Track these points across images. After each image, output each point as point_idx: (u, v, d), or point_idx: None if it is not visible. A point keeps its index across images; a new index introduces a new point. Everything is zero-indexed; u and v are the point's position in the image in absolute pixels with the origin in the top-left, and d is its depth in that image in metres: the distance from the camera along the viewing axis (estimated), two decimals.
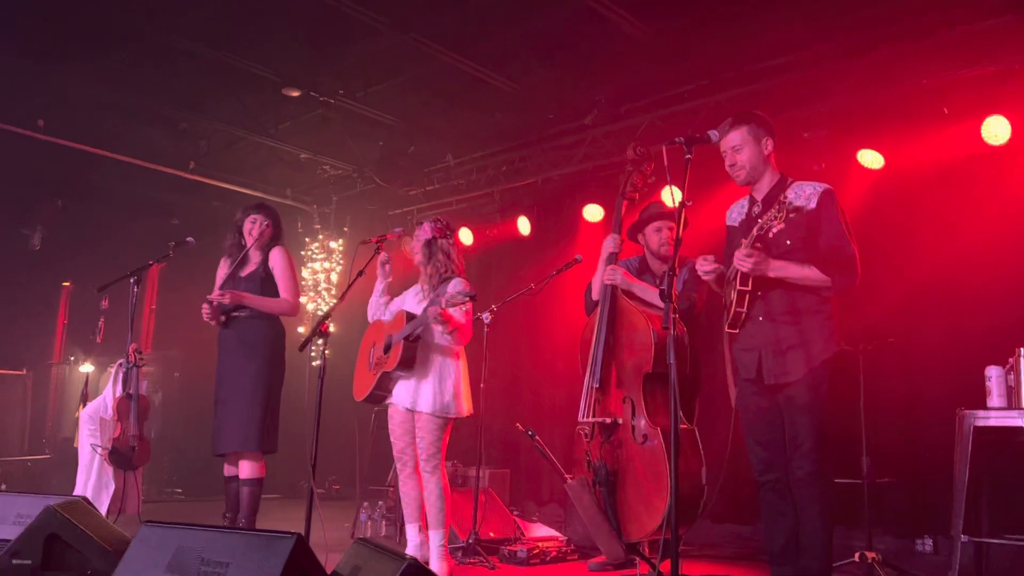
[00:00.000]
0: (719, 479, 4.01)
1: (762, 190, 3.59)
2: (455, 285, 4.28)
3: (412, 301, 4.52)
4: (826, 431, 3.36)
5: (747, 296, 3.40)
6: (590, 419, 4.28)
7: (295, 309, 4.78)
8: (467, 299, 3.95)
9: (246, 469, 4.50)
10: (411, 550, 4.26)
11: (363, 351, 4.64)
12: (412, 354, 4.22)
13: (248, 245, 4.75)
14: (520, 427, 4.72)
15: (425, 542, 4.28)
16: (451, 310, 4.05)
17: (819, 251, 3.38)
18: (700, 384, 4.49)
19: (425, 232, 4.46)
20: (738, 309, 3.42)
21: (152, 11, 5.96)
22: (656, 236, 4.68)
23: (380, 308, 4.64)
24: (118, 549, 2.82)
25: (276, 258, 4.73)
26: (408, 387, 4.27)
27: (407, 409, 4.28)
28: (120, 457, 5.04)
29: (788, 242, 3.41)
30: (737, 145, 3.53)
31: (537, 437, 4.64)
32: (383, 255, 4.49)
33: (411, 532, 4.35)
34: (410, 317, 4.27)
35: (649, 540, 4.17)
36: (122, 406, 5.10)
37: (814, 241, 3.41)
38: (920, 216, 5.48)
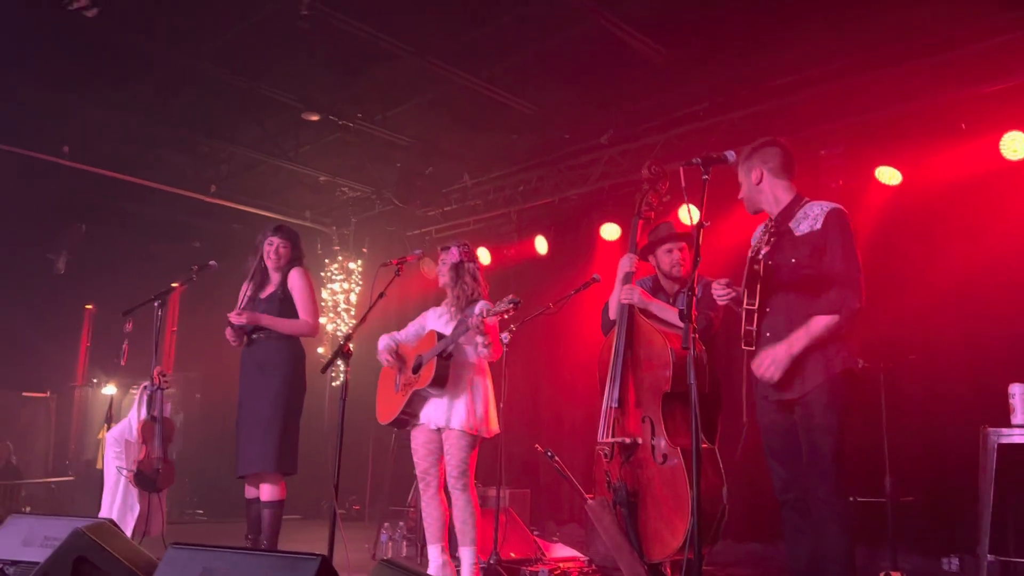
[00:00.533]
0: (730, 498, 4.04)
1: (774, 212, 3.59)
2: (482, 306, 4.30)
3: (438, 323, 4.53)
4: (843, 448, 3.28)
5: (754, 314, 3.40)
6: (609, 439, 4.27)
7: (314, 330, 4.81)
8: (510, 305, 3.95)
9: (266, 492, 4.53)
10: (433, 570, 4.26)
11: (387, 375, 4.65)
12: (445, 372, 4.23)
13: (268, 267, 4.81)
14: (539, 448, 4.73)
15: (447, 563, 4.28)
16: (489, 320, 4.07)
17: (824, 271, 3.34)
18: (720, 403, 4.48)
19: (453, 256, 4.50)
20: (747, 327, 3.41)
21: (174, 38, 6.09)
22: (667, 257, 4.68)
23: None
24: (146, 571, 2.85)
25: (294, 279, 4.77)
26: (440, 405, 4.27)
27: (437, 428, 4.27)
28: (145, 479, 5.09)
29: (793, 260, 3.40)
30: (740, 182, 3.67)
31: (556, 458, 4.64)
32: (386, 356, 4.52)
33: (433, 553, 4.34)
34: (440, 336, 4.30)
35: (671, 560, 4.14)
36: (147, 429, 5.15)
37: (821, 261, 3.37)
38: (939, 233, 5.46)
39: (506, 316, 4.08)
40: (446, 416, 4.23)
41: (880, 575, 4.44)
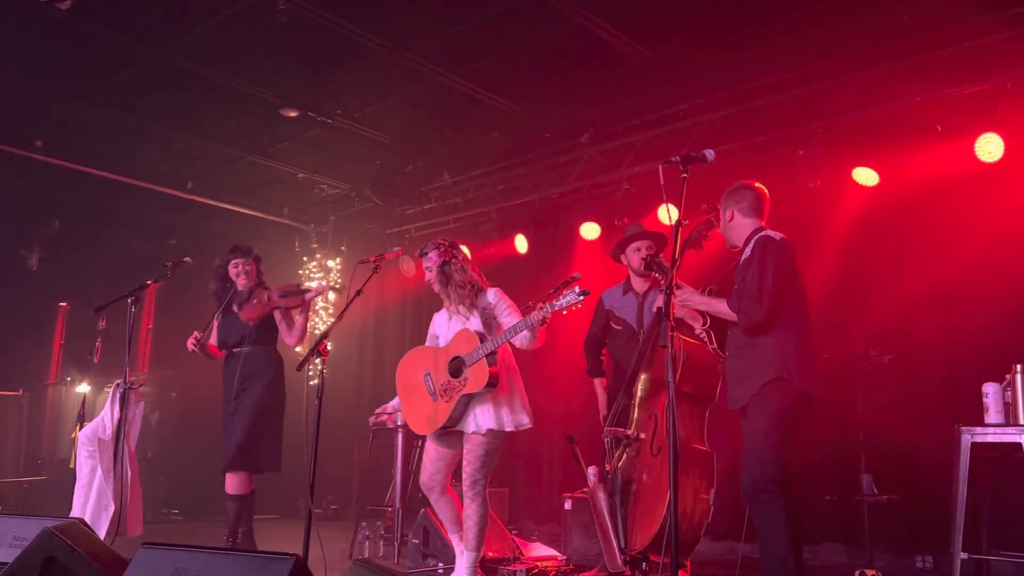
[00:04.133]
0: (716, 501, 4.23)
1: (739, 247, 3.95)
2: (495, 295, 4.18)
3: (452, 326, 4.26)
4: (768, 451, 3.55)
5: (713, 334, 3.93)
6: (614, 428, 4.35)
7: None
8: (580, 299, 3.77)
9: (234, 485, 4.97)
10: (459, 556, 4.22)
11: (409, 382, 4.33)
12: (497, 370, 4.00)
13: (239, 286, 5.16)
14: (565, 435, 4.84)
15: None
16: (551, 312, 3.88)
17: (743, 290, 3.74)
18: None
19: (433, 260, 4.23)
20: (712, 346, 3.94)
21: (150, 32, 6.01)
22: (636, 255, 4.85)
23: None
24: (116, 572, 2.81)
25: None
26: (486, 409, 4.05)
27: (483, 432, 4.04)
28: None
29: (736, 287, 3.79)
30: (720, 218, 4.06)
31: (575, 445, 4.73)
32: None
33: (456, 541, 4.29)
34: (483, 336, 4.05)
35: (653, 556, 4.18)
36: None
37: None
38: (915, 233, 5.51)
39: (576, 308, 3.83)
40: (495, 418, 4.03)
41: (856, 573, 4.47)
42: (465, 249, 4.57)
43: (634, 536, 4.20)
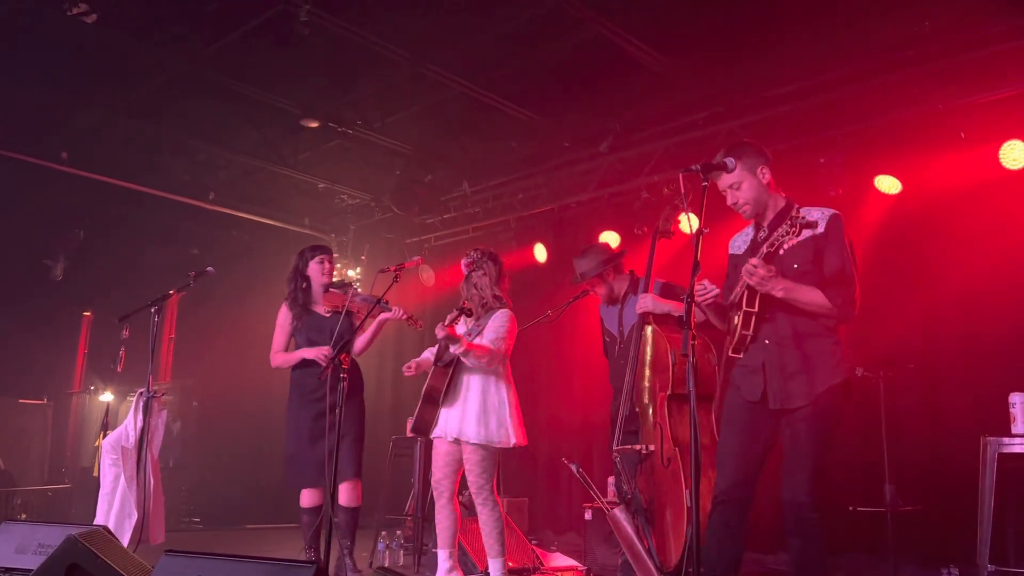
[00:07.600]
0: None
1: (768, 216, 3.48)
2: (497, 318, 4.24)
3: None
4: (824, 461, 3.22)
5: (753, 318, 3.28)
6: (622, 448, 4.29)
7: None
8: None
9: (356, 497, 4.97)
10: (440, 574, 4.24)
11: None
12: (442, 380, 4.16)
13: (318, 284, 5.11)
14: (565, 461, 4.70)
15: (455, 568, 4.26)
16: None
17: (824, 276, 3.26)
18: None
19: (462, 270, 4.47)
20: (743, 332, 3.31)
21: (173, 43, 6.08)
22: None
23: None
24: None
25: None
26: (453, 417, 4.17)
27: (454, 439, 4.16)
28: None
29: (796, 265, 3.30)
30: (735, 182, 3.42)
31: (582, 470, 4.60)
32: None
33: (441, 556, 4.31)
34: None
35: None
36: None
37: (820, 266, 3.29)
38: (939, 242, 5.45)
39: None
40: (458, 427, 4.12)
41: None
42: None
43: (667, 554, 4.13)
